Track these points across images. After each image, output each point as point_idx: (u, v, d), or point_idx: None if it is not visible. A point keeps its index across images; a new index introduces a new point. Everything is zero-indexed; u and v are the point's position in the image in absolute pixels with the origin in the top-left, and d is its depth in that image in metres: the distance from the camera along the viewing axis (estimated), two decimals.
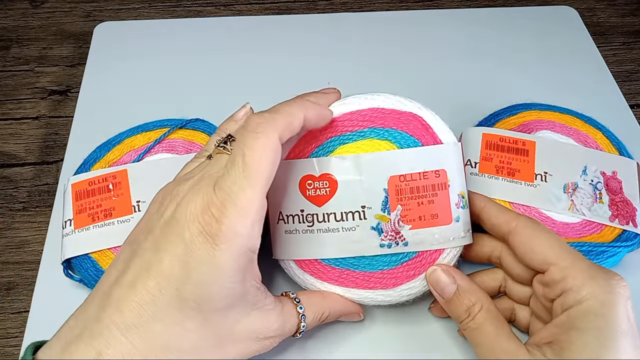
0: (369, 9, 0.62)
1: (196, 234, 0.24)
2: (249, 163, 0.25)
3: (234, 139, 0.28)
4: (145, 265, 0.25)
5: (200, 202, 0.25)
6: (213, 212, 0.25)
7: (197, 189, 0.26)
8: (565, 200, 0.37)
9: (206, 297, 0.25)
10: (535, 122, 0.41)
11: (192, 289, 0.24)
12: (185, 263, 0.24)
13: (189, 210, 0.25)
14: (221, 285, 0.25)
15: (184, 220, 0.25)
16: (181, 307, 0.24)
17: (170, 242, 0.25)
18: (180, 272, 0.24)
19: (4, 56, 0.56)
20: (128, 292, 0.24)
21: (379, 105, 0.33)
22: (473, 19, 0.55)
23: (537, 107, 0.43)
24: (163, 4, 0.62)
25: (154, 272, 0.24)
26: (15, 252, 0.43)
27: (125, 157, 0.39)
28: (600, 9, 0.62)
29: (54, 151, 0.49)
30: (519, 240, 0.30)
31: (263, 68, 0.50)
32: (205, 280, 0.24)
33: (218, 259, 0.24)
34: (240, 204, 0.25)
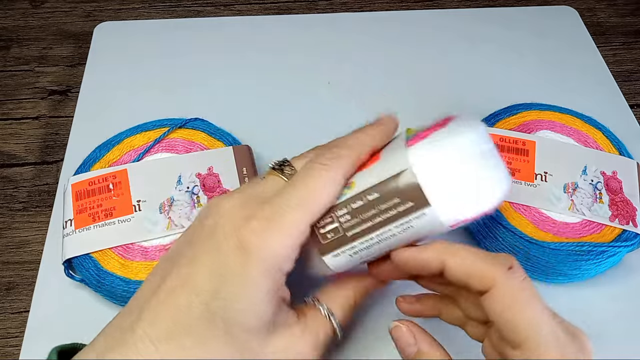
0: (369, 9, 0.62)
1: (233, 247, 0.24)
2: (309, 189, 0.25)
3: (290, 164, 0.28)
4: (181, 278, 0.25)
5: (244, 216, 0.25)
6: (254, 226, 0.24)
7: (242, 203, 0.26)
8: (566, 200, 0.37)
9: (233, 314, 0.24)
10: (535, 122, 0.41)
11: (220, 304, 0.24)
12: (218, 277, 0.24)
13: (231, 223, 0.25)
14: (249, 302, 0.24)
15: (223, 233, 0.25)
16: (209, 324, 0.24)
17: (207, 254, 0.25)
18: (211, 286, 0.24)
19: (4, 56, 0.56)
20: (164, 305, 0.24)
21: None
22: (473, 19, 0.55)
23: (537, 107, 0.43)
24: (163, 4, 0.62)
25: (188, 286, 0.24)
26: (15, 252, 0.43)
27: (125, 156, 0.39)
28: (600, 9, 0.62)
29: (54, 151, 0.49)
30: (497, 308, 0.24)
31: (263, 68, 0.50)
32: (234, 295, 0.24)
33: (249, 274, 0.24)
34: (286, 224, 0.24)
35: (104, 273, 0.34)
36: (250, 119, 0.45)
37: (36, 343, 0.35)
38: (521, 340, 0.24)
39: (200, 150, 0.39)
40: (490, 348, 0.27)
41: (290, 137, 0.40)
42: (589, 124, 0.42)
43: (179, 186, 0.37)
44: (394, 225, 0.26)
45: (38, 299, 0.36)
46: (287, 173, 0.27)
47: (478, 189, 0.25)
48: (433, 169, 0.25)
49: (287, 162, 0.28)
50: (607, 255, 0.35)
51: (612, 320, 0.36)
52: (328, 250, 0.27)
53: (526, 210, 0.37)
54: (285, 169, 0.28)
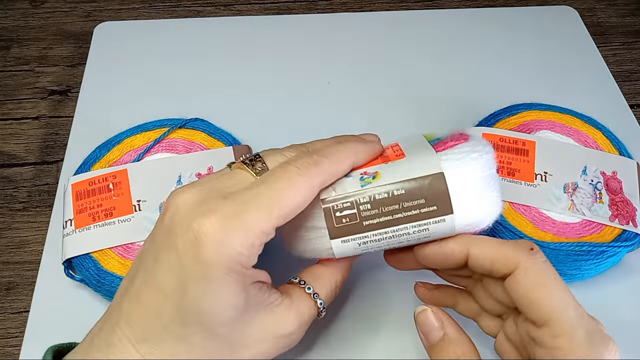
0: (369, 9, 0.62)
1: (190, 245, 0.23)
2: (280, 191, 0.24)
3: (262, 159, 0.27)
4: (147, 277, 0.24)
5: (202, 211, 0.24)
6: (212, 222, 0.23)
7: (201, 197, 0.24)
8: (566, 200, 0.37)
9: (205, 312, 0.23)
10: (535, 122, 0.41)
11: (190, 304, 0.23)
12: (180, 277, 0.23)
13: (188, 218, 0.24)
14: (217, 299, 0.23)
15: (181, 228, 0.24)
16: (184, 322, 0.24)
17: (166, 252, 0.24)
18: (176, 286, 0.23)
19: (4, 56, 0.56)
20: (134, 306, 0.24)
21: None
22: (473, 19, 0.55)
23: (537, 107, 0.43)
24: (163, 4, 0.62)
25: (154, 286, 0.24)
26: (15, 252, 0.43)
27: (125, 156, 0.39)
28: (600, 9, 0.62)
29: (54, 151, 0.49)
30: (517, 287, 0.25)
31: (263, 68, 0.50)
32: (201, 295, 0.23)
33: (209, 272, 0.23)
34: (249, 224, 0.23)
35: (104, 273, 0.34)
36: (250, 119, 0.45)
37: (36, 343, 0.35)
38: (547, 318, 0.24)
39: (200, 150, 0.39)
40: (505, 343, 0.28)
41: (290, 137, 0.40)
42: (589, 124, 0.42)
43: (178, 186, 0.37)
44: (412, 225, 0.26)
45: (38, 299, 0.36)
46: (258, 169, 0.26)
47: (487, 206, 0.27)
48: (461, 180, 0.26)
49: (259, 157, 0.27)
50: (607, 255, 0.35)
51: (611, 320, 0.36)
52: (338, 235, 0.27)
53: (526, 210, 0.37)
54: (256, 165, 0.27)
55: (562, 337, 0.24)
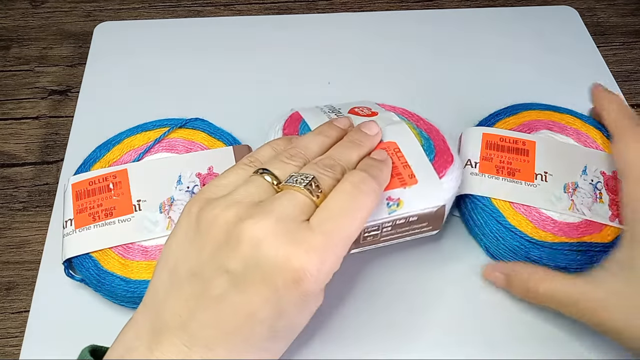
0: (369, 9, 0.62)
1: (289, 282, 0.25)
2: (366, 208, 0.28)
3: (319, 184, 0.28)
4: (231, 306, 0.25)
5: (293, 245, 0.25)
6: (312, 257, 0.25)
7: (285, 229, 0.25)
8: (566, 200, 0.37)
9: (296, 326, 0.27)
10: (535, 122, 0.41)
11: (284, 325, 0.26)
12: (277, 307, 0.25)
13: (280, 254, 0.25)
14: (307, 317, 0.27)
15: (275, 264, 0.25)
16: (274, 338, 0.26)
17: (259, 287, 0.25)
18: (273, 314, 0.25)
19: (4, 56, 0.56)
20: (214, 330, 0.25)
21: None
22: (473, 19, 0.55)
23: (537, 107, 0.43)
24: (163, 4, 0.62)
25: (244, 314, 0.25)
26: (15, 252, 0.43)
27: (125, 156, 0.39)
28: (600, 9, 0.62)
29: (54, 151, 0.49)
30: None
31: (263, 68, 0.50)
32: (296, 315, 0.26)
33: (309, 299, 0.26)
34: (338, 253, 0.26)
35: (104, 273, 0.34)
36: (250, 119, 0.45)
37: (36, 343, 0.35)
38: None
39: (200, 150, 0.39)
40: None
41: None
42: (588, 124, 0.42)
43: (179, 186, 0.37)
44: (410, 236, 0.33)
45: (38, 299, 0.36)
46: (316, 194, 0.27)
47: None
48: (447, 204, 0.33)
49: (314, 180, 0.28)
50: (607, 255, 0.35)
51: None
52: (357, 247, 0.31)
53: (526, 210, 0.37)
54: (313, 187, 0.27)
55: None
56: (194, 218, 0.27)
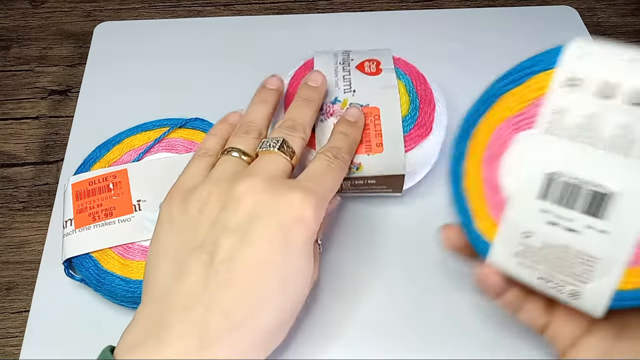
0: (369, 9, 0.62)
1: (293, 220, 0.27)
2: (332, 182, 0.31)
3: (288, 143, 0.31)
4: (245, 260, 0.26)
5: (291, 189, 0.28)
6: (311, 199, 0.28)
7: (268, 182, 0.28)
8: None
9: (300, 286, 0.28)
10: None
11: (292, 275, 0.27)
12: (284, 249, 0.27)
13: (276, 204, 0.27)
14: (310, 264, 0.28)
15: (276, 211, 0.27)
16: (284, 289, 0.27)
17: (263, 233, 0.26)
18: (280, 258, 0.26)
19: (4, 56, 0.56)
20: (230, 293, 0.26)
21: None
22: (473, 19, 0.55)
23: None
24: (163, 4, 0.62)
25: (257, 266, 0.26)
26: (15, 252, 0.43)
27: (125, 156, 0.39)
28: (600, 9, 0.62)
29: (54, 151, 0.49)
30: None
31: (263, 68, 0.50)
32: (302, 272, 0.27)
33: (308, 249, 0.27)
34: (323, 204, 0.29)
35: (104, 273, 0.34)
36: None
37: (36, 343, 0.35)
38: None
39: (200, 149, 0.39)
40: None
41: None
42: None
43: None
44: (372, 194, 0.37)
45: (38, 299, 0.36)
46: (288, 153, 0.31)
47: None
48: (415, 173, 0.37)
49: (285, 142, 0.31)
50: None
51: None
52: None
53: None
54: (285, 149, 0.31)
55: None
56: (178, 209, 0.29)
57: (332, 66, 0.40)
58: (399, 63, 0.41)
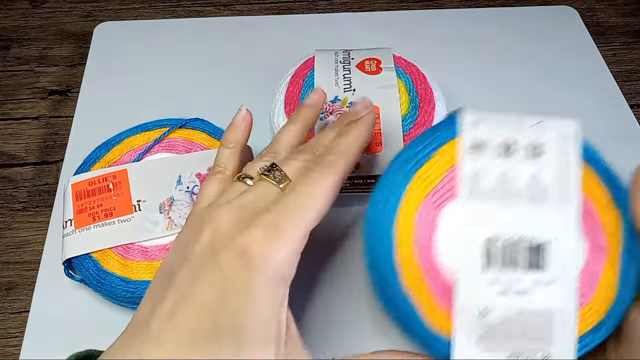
0: (369, 9, 0.62)
1: (233, 258, 0.24)
2: (309, 197, 0.26)
3: (279, 168, 0.28)
4: (182, 294, 0.24)
5: (241, 227, 0.25)
6: (255, 234, 0.24)
7: (238, 215, 0.25)
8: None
9: (241, 325, 0.24)
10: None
11: (227, 317, 0.24)
12: (221, 292, 0.24)
13: (228, 236, 0.25)
14: (256, 314, 0.24)
15: (222, 245, 0.24)
16: (218, 337, 0.23)
17: (206, 269, 0.24)
18: (216, 302, 0.24)
19: (4, 56, 0.56)
20: (166, 324, 0.24)
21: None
22: (473, 19, 0.55)
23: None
24: (163, 4, 0.62)
25: (192, 303, 0.24)
26: (15, 252, 0.43)
27: (125, 156, 0.39)
28: (600, 9, 0.62)
29: (54, 151, 0.49)
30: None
31: (263, 68, 0.50)
32: (240, 309, 0.24)
33: (253, 285, 0.24)
34: (288, 232, 0.25)
35: (104, 273, 0.34)
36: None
37: (36, 343, 0.35)
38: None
39: (200, 150, 0.39)
40: None
41: None
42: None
43: (178, 186, 0.37)
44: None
45: (38, 299, 0.36)
46: (277, 178, 0.28)
47: None
48: None
49: (276, 167, 0.28)
50: None
51: None
52: None
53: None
54: (275, 174, 0.28)
55: None
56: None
57: (332, 65, 0.40)
58: (399, 62, 0.41)
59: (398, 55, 0.43)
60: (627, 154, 0.44)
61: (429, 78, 0.41)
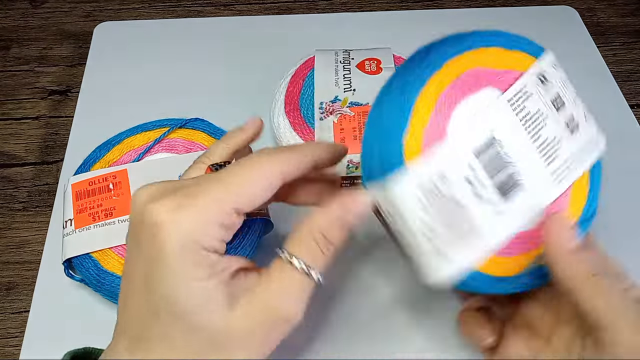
0: (369, 9, 0.62)
1: (148, 233, 0.23)
2: (239, 177, 0.24)
3: (229, 162, 0.28)
4: (126, 282, 0.25)
5: (155, 200, 0.24)
6: (165, 203, 0.23)
7: (157, 190, 0.25)
8: None
9: (169, 298, 0.23)
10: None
11: (154, 293, 0.23)
12: (143, 267, 0.24)
13: (142, 210, 0.24)
14: (178, 281, 0.23)
15: (137, 221, 0.24)
16: (157, 316, 0.23)
17: (131, 247, 0.24)
18: (142, 277, 0.24)
19: (4, 56, 0.56)
20: (122, 313, 0.25)
21: None
22: (473, 19, 0.55)
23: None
24: (163, 4, 0.62)
25: (131, 288, 0.24)
26: (15, 252, 0.43)
27: (125, 156, 0.39)
28: (600, 9, 0.62)
29: (54, 151, 0.49)
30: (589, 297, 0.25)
31: (263, 68, 0.50)
32: (161, 279, 0.23)
33: (165, 254, 0.23)
34: (201, 202, 0.23)
35: (104, 273, 0.34)
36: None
37: (36, 343, 0.35)
38: (607, 324, 0.24)
39: (200, 150, 0.39)
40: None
41: None
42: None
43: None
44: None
45: (38, 299, 0.36)
46: (221, 165, 0.28)
47: None
48: None
49: (228, 163, 0.28)
50: None
51: None
52: None
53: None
54: (222, 166, 0.28)
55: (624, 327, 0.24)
56: None
57: (333, 65, 0.40)
58: (399, 62, 0.41)
59: (398, 55, 0.43)
60: (627, 154, 0.44)
61: None
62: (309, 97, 0.40)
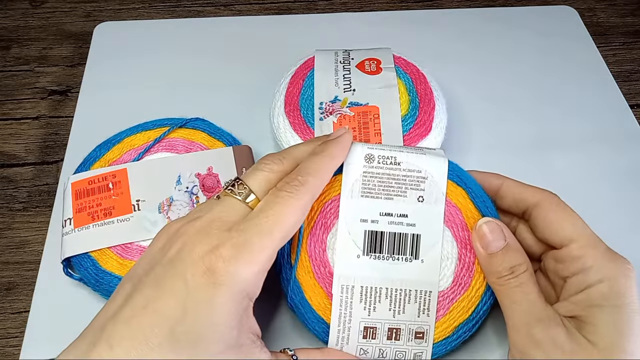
0: (369, 9, 0.62)
1: (199, 274, 0.25)
2: (277, 216, 0.26)
3: (242, 182, 0.28)
4: (143, 302, 0.25)
5: (209, 243, 0.25)
6: (222, 252, 0.25)
7: (206, 231, 0.26)
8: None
9: (200, 338, 0.24)
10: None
11: (186, 329, 0.24)
12: (184, 303, 0.24)
13: (195, 251, 0.25)
14: (216, 326, 0.25)
15: (189, 260, 0.25)
16: (173, 348, 0.24)
17: (171, 280, 0.25)
18: (176, 311, 0.24)
19: (4, 56, 0.56)
20: (122, 328, 0.24)
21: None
22: (473, 19, 0.55)
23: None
24: (163, 4, 0.62)
25: (151, 310, 0.24)
26: (15, 252, 0.43)
27: (125, 156, 0.39)
28: (600, 9, 0.62)
29: (54, 151, 0.49)
30: (542, 215, 0.30)
31: (263, 68, 0.50)
32: (201, 320, 0.24)
33: (216, 299, 0.24)
34: (255, 252, 0.25)
35: (103, 272, 0.34)
36: (250, 119, 0.45)
37: (36, 343, 0.35)
38: (571, 237, 0.29)
39: (200, 150, 0.39)
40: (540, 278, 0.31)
41: None
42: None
43: (178, 186, 0.37)
44: None
45: (38, 299, 0.36)
46: (240, 192, 0.28)
47: None
48: None
49: (239, 181, 0.29)
50: None
51: None
52: None
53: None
54: (238, 189, 0.28)
55: (587, 247, 0.28)
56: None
57: (332, 65, 0.40)
58: (399, 62, 0.41)
59: (398, 55, 0.43)
60: (627, 154, 0.44)
61: (429, 78, 0.41)
62: (308, 97, 0.40)
